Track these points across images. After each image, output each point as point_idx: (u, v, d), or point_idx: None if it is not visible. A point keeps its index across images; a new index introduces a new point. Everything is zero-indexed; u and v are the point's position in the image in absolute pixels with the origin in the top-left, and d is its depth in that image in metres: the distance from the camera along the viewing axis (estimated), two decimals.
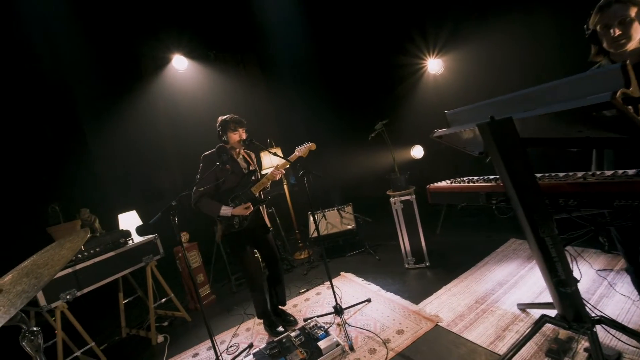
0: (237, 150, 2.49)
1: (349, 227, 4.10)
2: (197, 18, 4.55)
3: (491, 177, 1.74)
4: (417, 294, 2.77)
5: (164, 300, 3.24)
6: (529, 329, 1.79)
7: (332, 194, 5.06)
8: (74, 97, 4.03)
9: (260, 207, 2.56)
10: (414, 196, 3.18)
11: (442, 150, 4.62)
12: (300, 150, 2.58)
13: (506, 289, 2.55)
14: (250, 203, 2.38)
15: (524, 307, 2.24)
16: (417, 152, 4.43)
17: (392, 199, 3.24)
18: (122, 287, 3.35)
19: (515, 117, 1.19)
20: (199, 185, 2.33)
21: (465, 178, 1.88)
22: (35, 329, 1.00)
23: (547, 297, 2.30)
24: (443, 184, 1.93)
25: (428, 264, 3.22)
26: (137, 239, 3.11)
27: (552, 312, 1.78)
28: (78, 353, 2.54)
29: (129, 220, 3.25)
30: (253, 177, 2.53)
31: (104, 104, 4.20)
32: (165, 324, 3.36)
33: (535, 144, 1.34)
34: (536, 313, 2.17)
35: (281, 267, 2.73)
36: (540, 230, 1.40)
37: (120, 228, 3.22)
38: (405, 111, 4.65)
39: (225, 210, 2.35)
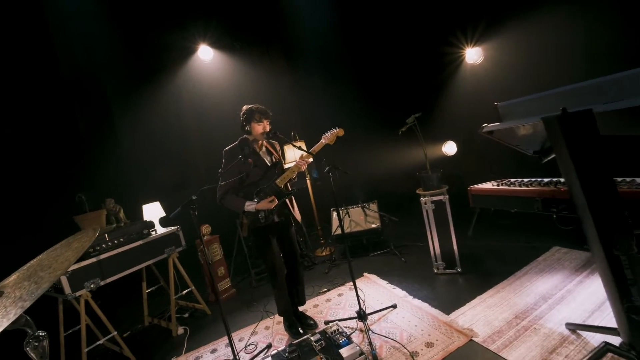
0: (260, 142, 2.38)
1: (373, 225, 3.92)
2: (223, 7, 4.47)
3: (546, 179, 1.50)
4: (447, 303, 2.56)
5: (184, 292, 3.23)
6: (586, 357, 1.55)
7: (356, 190, 4.87)
8: (103, 87, 4.09)
9: (288, 200, 2.44)
10: (447, 196, 2.94)
11: (476, 147, 4.32)
12: (327, 137, 2.41)
13: (551, 305, 2.28)
14: (274, 196, 2.27)
15: (574, 328, 1.98)
16: (450, 148, 4.15)
17: (422, 199, 3.02)
18: (145, 277, 3.39)
19: (598, 109, 0.97)
20: (222, 181, 2.24)
21: (513, 180, 1.65)
22: (41, 333, 0.93)
23: (601, 318, 2.03)
24: (487, 185, 1.70)
25: (460, 270, 2.99)
26: (160, 230, 3.11)
27: (614, 339, 1.54)
28: (101, 341, 2.57)
29: (152, 211, 3.26)
30: (277, 169, 2.41)
31: (131, 94, 4.24)
32: (186, 315, 3.36)
33: (616, 142, 1.10)
34: (589, 336, 1.90)
35: (301, 264, 2.61)
36: (615, 247, 1.16)
37: (144, 219, 3.23)
38: (439, 104, 4.35)
39: (249, 206, 2.26)
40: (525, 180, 1.54)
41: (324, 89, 5.29)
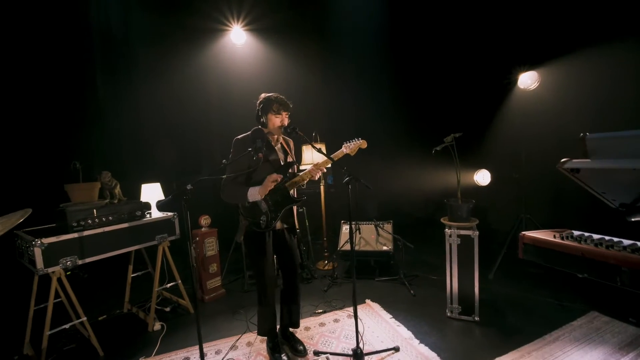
0: (276, 137, 2.09)
1: (384, 248, 3.56)
2: None
3: (628, 242, 1.13)
4: (460, 358, 2.17)
5: (169, 285, 2.97)
6: None
7: (371, 205, 4.52)
8: (125, 56, 3.92)
9: (293, 208, 2.15)
10: (477, 232, 2.56)
11: (512, 182, 3.90)
12: (349, 147, 2.11)
13: None
14: (278, 176, 1.96)
15: None
16: (483, 177, 3.73)
17: (447, 230, 2.65)
18: (133, 260, 3.16)
19: None
20: (228, 172, 1.96)
21: (581, 234, 1.28)
22: None
23: None
24: (547, 236, 1.34)
25: (477, 318, 2.59)
26: (155, 213, 2.87)
27: None
28: (66, 326, 2.33)
29: (151, 192, 3.03)
30: (290, 170, 2.11)
31: (152, 69, 4.06)
32: (168, 309, 3.11)
33: None
34: None
35: (299, 281, 2.29)
36: None
37: (142, 199, 3.01)
38: (481, 128, 3.94)
39: (253, 194, 1.94)
40: (606, 238, 1.16)
41: (357, 91, 4.94)
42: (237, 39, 4.27)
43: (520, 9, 3.64)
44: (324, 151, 3.77)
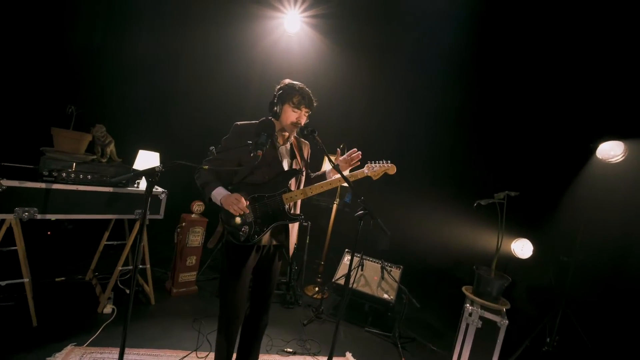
0: (286, 135, 1.69)
1: (385, 296, 3.03)
2: None
3: None
4: None
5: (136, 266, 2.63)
6: None
7: (381, 239, 3.97)
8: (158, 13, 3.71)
9: (290, 225, 1.72)
10: (506, 321, 1.99)
11: (557, 263, 3.23)
12: (372, 169, 1.68)
13: None
14: (242, 197, 1.54)
15: None
16: (522, 248, 3.12)
17: (468, 305, 2.11)
18: (111, 227, 2.88)
19: None
20: (211, 163, 1.57)
21: None
22: None
23: None
24: None
25: None
26: (143, 185, 2.56)
27: None
28: (2, 283, 2.03)
29: (147, 160, 2.73)
30: (293, 180, 1.70)
31: (188, 37, 3.82)
32: (129, 291, 2.76)
33: None
34: None
35: (267, 317, 1.84)
36: None
37: (135, 166, 2.72)
38: (538, 192, 3.27)
39: (217, 196, 1.57)
40: None
41: (409, 109, 4.33)
42: (291, 26, 3.96)
43: (615, 73, 3.03)
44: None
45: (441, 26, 3.92)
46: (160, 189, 2.58)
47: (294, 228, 1.76)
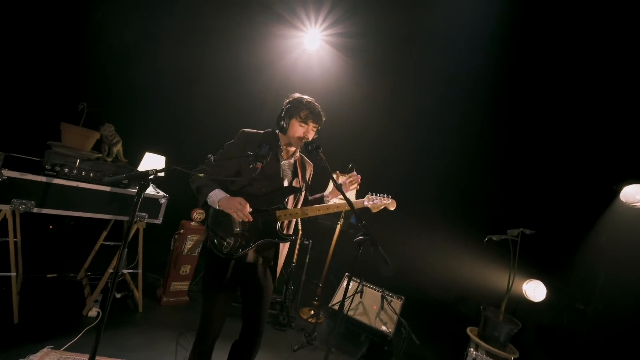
0: (292, 150, 1.62)
1: (383, 328, 2.85)
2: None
3: None
4: None
5: (127, 271, 2.58)
6: None
7: (384, 268, 3.80)
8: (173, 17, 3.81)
9: (280, 245, 1.63)
10: None
11: (572, 311, 2.99)
12: (372, 201, 1.61)
13: None
14: (248, 204, 1.44)
15: None
16: (535, 290, 2.91)
17: (471, 350, 1.94)
18: (109, 227, 2.84)
19: None
20: (207, 171, 1.50)
21: None
22: None
23: None
24: None
25: None
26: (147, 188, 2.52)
27: None
28: None
29: (153, 163, 2.71)
30: (291, 197, 1.61)
31: (210, 43, 3.89)
32: (118, 295, 2.70)
33: None
34: None
35: (258, 345, 1.69)
36: None
37: (139, 168, 2.71)
38: (554, 232, 3.07)
39: (214, 197, 1.46)
40: None
41: (424, 133, 4.21)
42: (311, 44, 4.00)
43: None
44: (355, 190, 3.26)
45: (465, 52, 3.86)
46: (161, 193, 2.54)
47: (284, 248, 1.66)
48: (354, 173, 1.67)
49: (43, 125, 2.44)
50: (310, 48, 4.05)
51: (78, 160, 2.11)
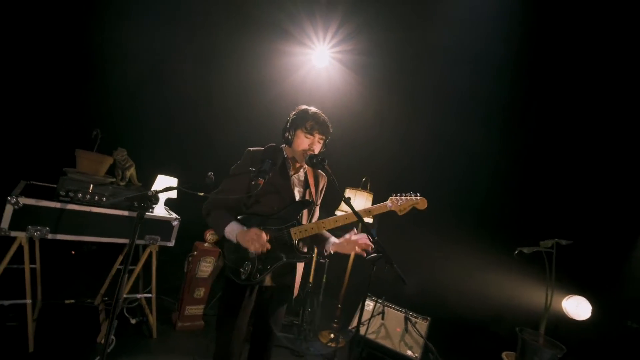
0: (298, 164, 1.56)
1: (409, 352, 2.63)
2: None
3: None
4: None
5: (140, 296, 2.54)
6: None
7: (408, 286, 3.59)
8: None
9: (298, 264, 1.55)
10: None
11: (622, 330, 2.66)
12: (397, 203, 1.46)
13: None
14: (264, 233, 1.37)
15: None
16: (577, 307, 2.62)
17: None
18: (125, 251, 2.84)
19: None
20: (222, 186, 1.48)
21: None
22: None
23: None
24: None
25: None
26: (159, 211, 2.53)
27: None
28: (5, 303, 2.00)
29: (165, 185, 2.72)
30: (305, 212, 1.54)
31: (221, 64, 3.99)
32: (133, 321, 2.65)
33: None
34: None
35: (270, 347, 1.61)
36: None
37: (152, 189, 2.72)
38: (596, 241, 2.78)
39: (231, 230, 1.42)
40: None
41: (439, 146, 4.08)
42: (319, 61, 4.03)
43: None
44: (370, 204, 3.14)
45: (477, 66, 3.77)
46: (173, 215, 2.53)
47: (300, 265, 1.57)
48: (364, 235, 1.44)
49: (60, 152, 2.52)
50: (318, 65, 4.07)
51: (91, 185, 2.14)
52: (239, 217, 1.51)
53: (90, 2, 3.32)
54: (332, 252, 1.54)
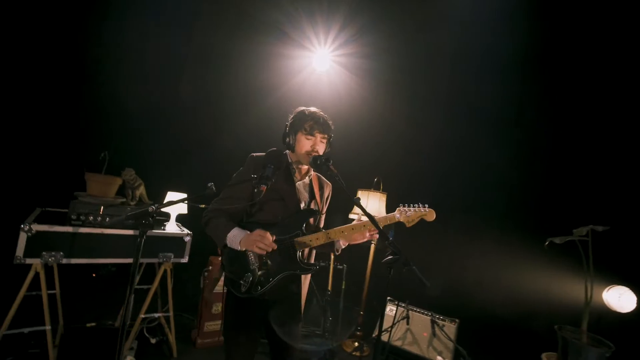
0: (304, 168, 1.49)
1: (439, 358, 2.49)
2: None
3: None
4: None
5: (158, 315, 2.52)
6: None
7: (431, 286, 3.42)
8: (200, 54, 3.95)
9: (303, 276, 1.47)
10: None
11: None
12: (404, 214, 1.38)
13: None
14: (268, 233, 1.30)
15: None
16: (620, 298, 2.41)
17: None
18: (142, 271, 2.84)
19: None
20: (221, 202, 1.42)
21: None
22: None
23: None
24: None
25: None
26: (170, 228, 2.52)
27: None
28: (25, 330, 2.01)
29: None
30: (311, 220, 1.46)
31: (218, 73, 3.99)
32: (153, 341, 2.63)
33: None
34: None
35: None
36: None
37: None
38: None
39: (234, 237, 1.35)
40: None
41: (449, 149, 3.95)
42: (320, 65, 3.98)
43: None
44: (384, 204, 3.03)
45: (481, 70, 3.66)
46: (185, 231, 2.51)
47: (307, 277, 1.49)
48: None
49: (72, 177, 2.55)
50: (319, 68, 4.02)
51: (102, 207, 2.14)
52: (240, 224, 1.45)
53: (87, 20, 3.40)
54: (343, 246, 1.50)
